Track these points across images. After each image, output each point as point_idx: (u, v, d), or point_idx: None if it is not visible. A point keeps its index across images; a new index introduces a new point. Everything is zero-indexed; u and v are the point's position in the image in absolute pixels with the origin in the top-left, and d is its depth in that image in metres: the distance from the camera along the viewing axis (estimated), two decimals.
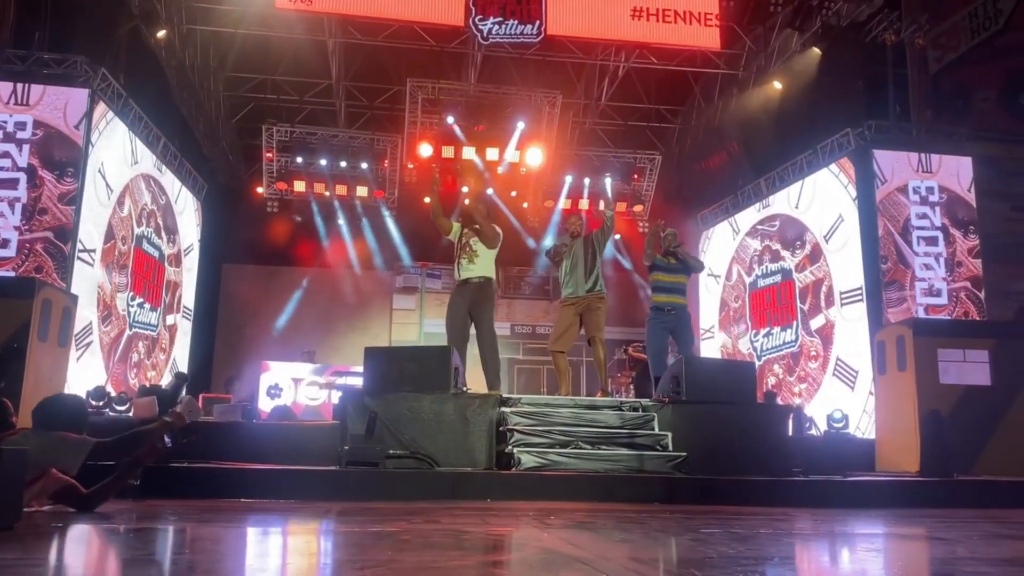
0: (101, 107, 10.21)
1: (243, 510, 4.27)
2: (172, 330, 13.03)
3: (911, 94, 11.99)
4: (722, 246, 14.51)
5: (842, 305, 11.04)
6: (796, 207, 12.35)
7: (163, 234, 12.50)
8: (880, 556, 3.05)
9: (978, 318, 10.35)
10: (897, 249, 10.54)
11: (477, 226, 6.92)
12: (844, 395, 10.79)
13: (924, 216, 10.71)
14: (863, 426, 10.12)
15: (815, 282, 11.73)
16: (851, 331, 10.83)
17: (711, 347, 14.50)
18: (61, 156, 9.45)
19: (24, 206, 9.33)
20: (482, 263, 6.88)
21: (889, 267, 10.47)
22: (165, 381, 12.39)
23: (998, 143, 11.38)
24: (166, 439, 3.98)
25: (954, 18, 12.36)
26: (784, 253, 12.59)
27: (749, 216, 13.72)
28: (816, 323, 11.65)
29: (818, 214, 11.78)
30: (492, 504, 4.76)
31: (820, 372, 11.45)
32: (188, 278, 13.77)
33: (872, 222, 10.66)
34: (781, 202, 12.77)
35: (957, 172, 10.84)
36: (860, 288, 10.67)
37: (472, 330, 6.90)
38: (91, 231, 9.95)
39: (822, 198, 11.70)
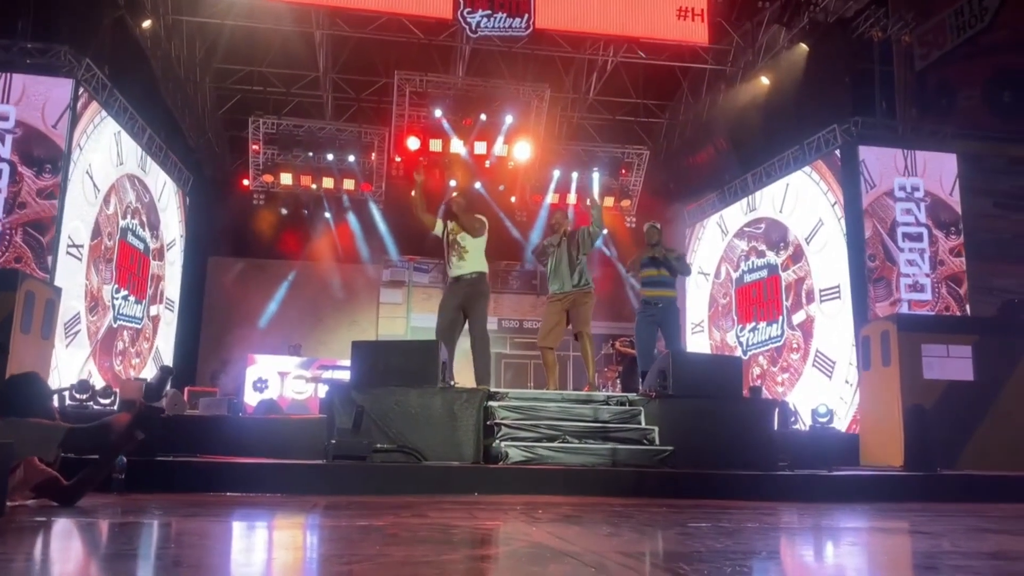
0: (89, 111, 10.31)
1: (229, 504, 4.24)
2: (155, 320, 13.02)
3: (897, 91, 12.05)
4: (712, 246, 14.69)
5: (821, 301, 11.48)
6: (780, 211, 12.66)
7: (147, 229, 12.52)
8: (865, 550, 3.06)
9: (959, 314, 10.46)
10: (884, 247, 10.70)
11: (457, 219, 6.89)
12: (823, 384, 11.22)
13: (909, 212, 10.85)
14: (840, 413, 10.47)
15: (797, 280, 12.10)
16: (830, 325, 11.26)
17: (700, 341, 14.62)
18: (39, 153, 9.62)
19: (5, 200, 9.36)
20: (472, 258, 6.85)
21: (877, 264, 10.61)
22: (149, 370, 12.34)
23: (982, 140, 11.48)
24: (138, 422, 3.89)
25: (940, 15, 12.43)
26: (769, 253, 12.82)
27: (736, 218, 13.87)
28: (798, 318, 12.06)
29: (800, 218, 12.17)
30: (479, 498, 4.75)
31: (801, 363, 11.85)
32: (170, 271, 13.74)
33: (858, 218, 10.79)
34: (766, 206, 13.07)
35: (940, 176, 10.98)
36: (838, 286, 11.10)
37: (465, 325, 6.89)
38: (79, 227, 10.17)
39: (804, 203, 12.06)
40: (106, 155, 10.95)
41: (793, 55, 13.13)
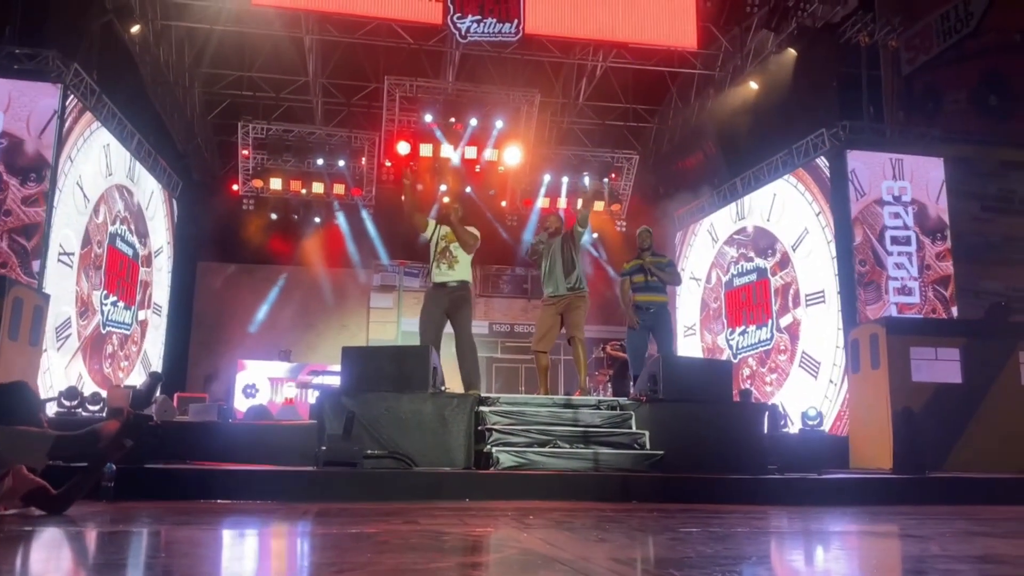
0: (79, 125, 10.40)
1: (219, 512, 4.22)
2: (143, 325, 13.01)
3: (884, 95, 12.13)
4: (703, 252, 14.84)
5: (807, 305, 11.74)
6: (768, 220, 12.86)
7: (135, 236, 12.53)
8: (854, 554, 3.08)
9: (945, 317, 10.55)
10: (874, 252, 10.81)
11: (454, 230, 6.85)
12: (809, 384, 11.47)
13: (897, 216, 10.94)
14: (825, 411, 10.63)
15: (784, 285, 12.37)
16: (815, 328, 11.51)
17: (693, 344, 14.70)
18: (24, 163, 9.70)
19: None
20: (461, 268, 6.83)
21: (867, 269, 10.71)
22: (136, 373, 12.30)
23: (970, 144, 11.55)
24: (126, 430, 3.86)
25: (926, 20, 12.54)
26: (758, 259, 12.98)
27: (726, 226, 14.03)
28: (785, 321, 12.31)
29: (787, 226, 12.40)
30: (471, 504, 4.75)
31: (788, 364, 12.10)
32: (158, 277, 13.72)
33: (846, 220, 10.87)
34: (755, 215, 13.33)
35: (926, 184, 11.09)
36: (823, 291, 11.36)
37: (450, 331, 6.88)
38: (70, 236, 10.32)
39: (790, 212, 12.30)
40: (96, 167, 11.08)
41: (781, 60, 13.20)
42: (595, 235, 16.76)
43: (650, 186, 17.26)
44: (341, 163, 15.80)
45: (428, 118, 14.93)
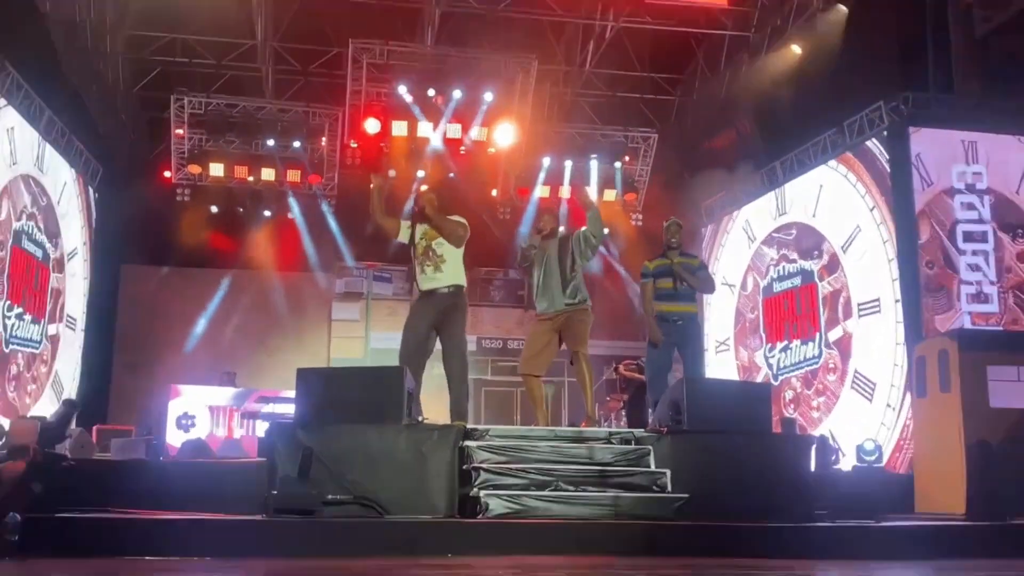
0: None
1: (146, 572, 4.22)
2: (54, 341, 12.97)
3: (954, 62, 12.16)
4: (737, 253, 14.89)
5: (860, 316, 11.80)
6: (813, 215, 12.99)
7: (44, 235, 12.51)
8: None
9: None
10: (943, 252, 10.83)
11: (433, 223, 6.83)
12: (863, 408, 11.57)
13: (971, 207, 10.97)
14: (881, 439, 10.67)
15: (832, 292, 12.42)
16: (869, 343, 11.57)
17: (726, 362, 14.74)
18: None
19: None
20: (450, 269, 6.79)
21: (935, 272, 10.74)
22: (46, 399, 12.27)
23: None
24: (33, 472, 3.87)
25: None
26: (801, 262, 13.05)
27: (765, 223, 14.10)
28: (834, 335, 12.35)
29: (836, 223, 12.48)
30: (453, 561, 4.76)
31: (838, 385, 12.17)
32: (72, 284, 13.68)
33: (907, 211, 10.91)
34: (797, 210, 13.40)
35: (1005, 171, 11.13)
36: (878, 299, 11.40)
37: (438, 348, 6.87)
38: None
39: (840, 207, 12.38)
40: None
41: (830, 19, 13.26)
42: (606, 230, 16.77)
43: (672, 171, 17.30)
44: (296, 144, 15.82)
45: (402, 90, 14.95)
